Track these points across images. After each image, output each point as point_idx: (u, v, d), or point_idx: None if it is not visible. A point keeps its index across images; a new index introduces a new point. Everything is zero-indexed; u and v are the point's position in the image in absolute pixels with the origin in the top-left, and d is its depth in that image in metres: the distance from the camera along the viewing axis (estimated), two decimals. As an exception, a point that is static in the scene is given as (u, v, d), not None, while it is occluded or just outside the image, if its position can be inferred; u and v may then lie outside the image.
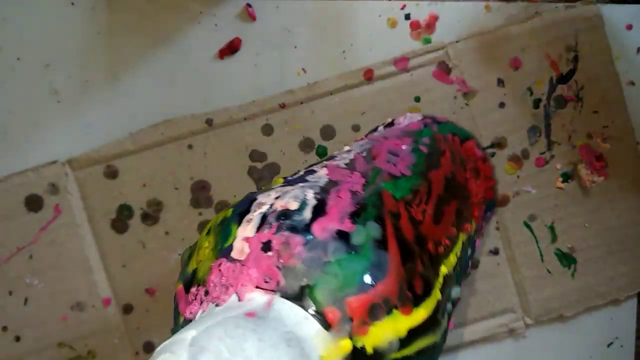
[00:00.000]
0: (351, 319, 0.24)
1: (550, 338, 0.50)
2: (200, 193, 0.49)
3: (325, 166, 0.32)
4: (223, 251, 0.27)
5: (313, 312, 0.24)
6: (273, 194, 0.28)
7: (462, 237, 0.34)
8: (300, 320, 0.24)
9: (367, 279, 0.25)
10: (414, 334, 0.26)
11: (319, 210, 0.27)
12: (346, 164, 0.32)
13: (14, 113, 0.49)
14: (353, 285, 0.25)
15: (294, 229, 0.26)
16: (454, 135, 0.43)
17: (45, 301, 0.49)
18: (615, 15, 0.48)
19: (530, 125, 0.49)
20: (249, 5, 0.48)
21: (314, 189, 0.28)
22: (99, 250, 0.49)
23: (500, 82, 0.48)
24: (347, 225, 0.26)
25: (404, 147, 0.36)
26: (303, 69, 0.49)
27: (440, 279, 0.29)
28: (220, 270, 0.26)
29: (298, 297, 0.24)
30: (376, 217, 0.27)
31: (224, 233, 0.28)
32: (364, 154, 0.34)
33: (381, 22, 0.49)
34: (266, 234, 0.26)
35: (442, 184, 0.34)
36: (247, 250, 0.26)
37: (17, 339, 0.50)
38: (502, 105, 0.48)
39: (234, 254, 0.26)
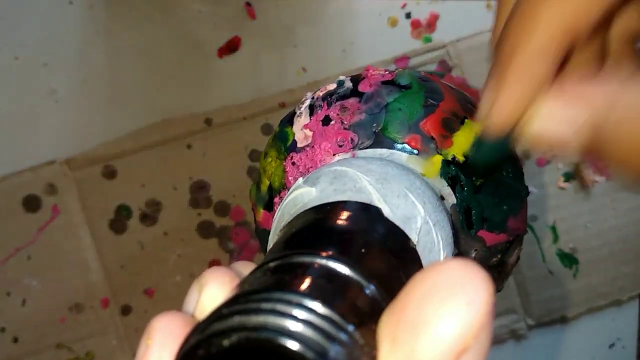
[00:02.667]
0: (432, 137, 0.26)
1: (552, 339, 0.50)
2: (199, 193, 0.49)
3: None
4: (289, 149, 0.28)
5: (394, 148, 0.26)
6: (309, 94, 0.29)
7: None
8: (387, 155, 0.25)
9: (429, 102, 0.26)
10: None
11: (357, 79, 0.28)
12: None
13: (11, 113, 0.49)
14: (419, 111, 0.26)
15: (343, 97, 0.27)
16: (431, 74, 0.44)
17: (43, 302, 0.49)
18: (617, 14, 0.48)
19: (532, 125, 0.48)
20: (248, 4, 0.48)
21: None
22: (97, 251, 0.49)
23: (502, 82, 0.48)
24: (388, 76, 0.28)
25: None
26: (303, 68, 0.49)
27: None
28: (294, 163, 0.27)
29: (377, 142, 0.26)
30: (410, 69, 0.29)
31: (282, 138, 0.28)
32: None
33: (382, 21, 0.48)
34: (320, 113, 0.27)
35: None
36: (309, 133, 0.27)
37: (15, 340, 0.49)
38: (503, 104, 0.48)
39: (299, 145, 0.27)
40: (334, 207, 0.20)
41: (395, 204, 0.21)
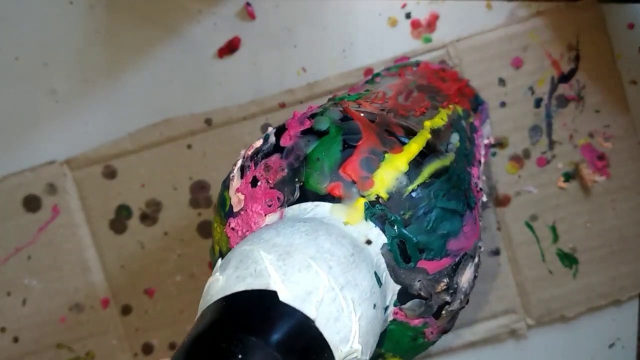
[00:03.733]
0: (353, 182, 0.26)
1: (552, 339, 0.50)
2: (199, 193, 0.49)
3: None
4: (227, 215, 0.28)
5: (319, 198, 0.26)
6: (242, 152, 0.30)
7: (445, 110, 0.34)
8: (312, 209, 0.26)
9: (346, 145, 0.26)
10: (417, 164, 0.26)
11: (280, 130, 0.28)
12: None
13: (12, 113, 0.49)
14: (337, 158, 0.26)
15: (267, 155, 0.28)
16: (405, 67, 0.45)
17: (43, 302, 0.49)
18: (617, 14, 0.48)
19: (532, 125, 0.48)
20: (248, 4, 0.48)
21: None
22: (97, 251, 0.49)
23: (502, 82, 0.48)
24: (307, 124, 0.28)
25: (355, 87, 0.39)
26: (303, 68, 0.49)
27: (427, 128, 0.29)
28: (233, 228, 0.28)
29: (302, 196, 0.26)
30: (333, 108, 0.29)
31: (221, 204, 0.29)
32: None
33: (382, 21, 0.48)
34: (249, 174, 0.28)
35: (403, 86, 0.36)
36: (242, 197, 0.28)
37: (16, 340, 0.49)
38: (503, 104, 0.48)
39: (235, 209, 0.28)
40: (230, 302, 0.21)
41: (295, 280, 0.21)
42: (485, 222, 0.49)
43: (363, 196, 0.25)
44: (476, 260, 0.28)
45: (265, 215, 0.27)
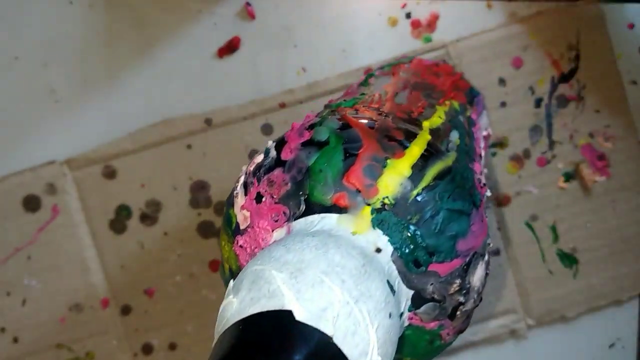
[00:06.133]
0: (357, 191, 0.26)
1: (552, 339, 0.50)
2: (199, 193, 0.49)
3: None
4: (234, 232, 0.28)
5: (325, 210, 0.26)
6: (244, 168, 0.30)
7: (442, 107, 0.34)
8: (319, 221, 0.25)
9: (348, 154, 0.26)
10: (419, 167, 0.27)
11: (280, 144, 0.28)
12: None
13: (11, 112, 0.49)
14: (339, 167, 0.26)
15: (269, 170, 0.28)
16: (399, 65, 0.45)
17: (43, 302, 0.49)
18: (617, 14, 0.48)
19: (532, 125, 0.48)
20: (248, 3, 0.48)
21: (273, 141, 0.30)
22: (97, 251, 0.49)
23: (502, 81, 0.48)
24: (306, 135, 0.28)
25: (350, 90, 0.40)
26: (303, 68, 0.49)
27: (425, 129, 0.29)
28: (241, 246, 0.28)
29: (308, 209, 0.26)
30: (332, 116, 0.29)
31: (227, 222, 0.29)
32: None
33: (382, 21, 0.48)
34: (252, 190, 0.28)
35: (397, 87, 0.36)
36: (247, 214, 0.28)
37: (15, 340, 0.49)
38: (503, 104, 0.48)
39: (242, 227, 0.28)
40: (246, 326, 0.21)
41: (310, 297, 0.21)
42: (486, 222, 0.49)
43: (369, 204, 0.25)
44: (486, 257, 0.28)
45: (272, 230, 0.26)
